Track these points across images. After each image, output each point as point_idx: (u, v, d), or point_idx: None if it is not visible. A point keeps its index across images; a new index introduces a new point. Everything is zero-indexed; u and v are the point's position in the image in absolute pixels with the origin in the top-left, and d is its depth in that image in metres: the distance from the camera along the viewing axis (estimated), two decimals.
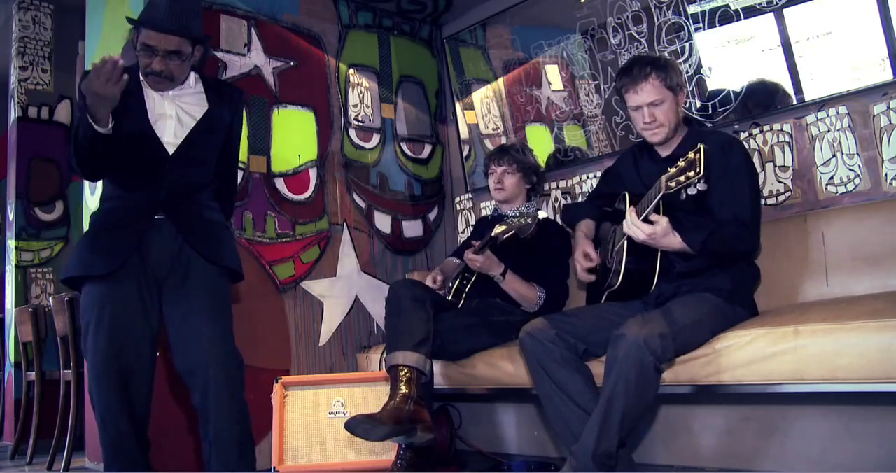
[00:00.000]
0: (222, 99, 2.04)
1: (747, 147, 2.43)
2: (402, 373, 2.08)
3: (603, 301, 2.07)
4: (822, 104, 2.29)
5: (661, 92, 1.97)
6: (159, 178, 1.91)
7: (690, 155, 1.67)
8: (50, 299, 3.29)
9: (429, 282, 2.46)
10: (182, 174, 1.93)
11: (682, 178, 1.67)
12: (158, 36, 1.85)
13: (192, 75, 2.02)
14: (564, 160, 3.07)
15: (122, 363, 1.82)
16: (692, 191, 1.67)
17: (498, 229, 2.24)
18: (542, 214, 2.18)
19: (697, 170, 1.63)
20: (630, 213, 1.80)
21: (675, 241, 1.80)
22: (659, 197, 1.73)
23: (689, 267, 1.92)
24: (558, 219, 2.64)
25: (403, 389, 2.05)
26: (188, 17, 1.88)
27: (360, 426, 1.93)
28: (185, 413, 2.45)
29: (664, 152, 2.06)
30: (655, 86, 1.96)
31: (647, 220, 1.77)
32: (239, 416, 1.88)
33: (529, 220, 2.17)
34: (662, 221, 1.76)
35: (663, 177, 1.73)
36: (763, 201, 2.40)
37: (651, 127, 2.00)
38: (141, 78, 1.96)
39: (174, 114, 1.95)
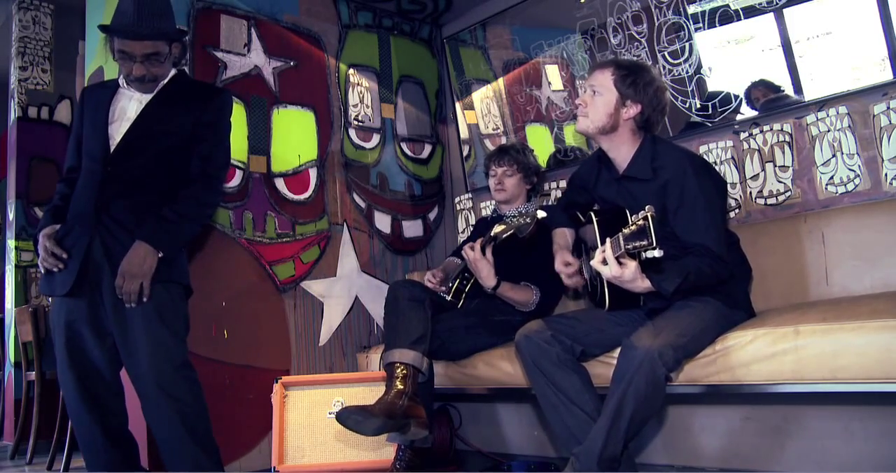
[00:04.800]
0: (187, 97, 2.01)
1: (746, 147, 2.44)
2: (398, 370, 2.08)
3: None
4: (822, 104, 2.29)
5: (607, 85, 1.91)
6: (102, 180, 1.91)
7: (640, 221, 1.54)
8: (50, 299, 3.28)
9: (427, 277, 2.45)
10: (122, 174, 1.91)
11: (636, 244, 1.56)
12: (133, 42, 1.87)
13: (170, 75, 2.02)
14: (564, 160, 3.07)
15: (82, 375, 1.88)
16: (648, 255, 1.59)
17: (497, 229, 2.24)
18: (541, 214, 2.17)
19: (650, 239, 1.52)
20: (606, 249, 1.68)
21: (643, 286, 1.70)
22: (622, 251, 1.61)
23: (660, 304, 1.88)
24: None
25: (399, 385, 2.04)
26: (157, 18, 1.88)
27: (351, 417, 1.91)
28: None
29: (620, 167, 2.00)
30: (606, 77, 1.92)
31: (618, 259, 1.67)
32: (179, 417, 1.86)
33: (528, 220, 2.17)
34: (631, 266, 1.66)
35: (621, 237, 1.61)
36: (763, 201, 2.40)
37: (577, 111, 1.97)
38: (120, 83, 1.99)
39: (133, 115, 1.96)
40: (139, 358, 1.85)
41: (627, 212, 1.87)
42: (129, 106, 1.97)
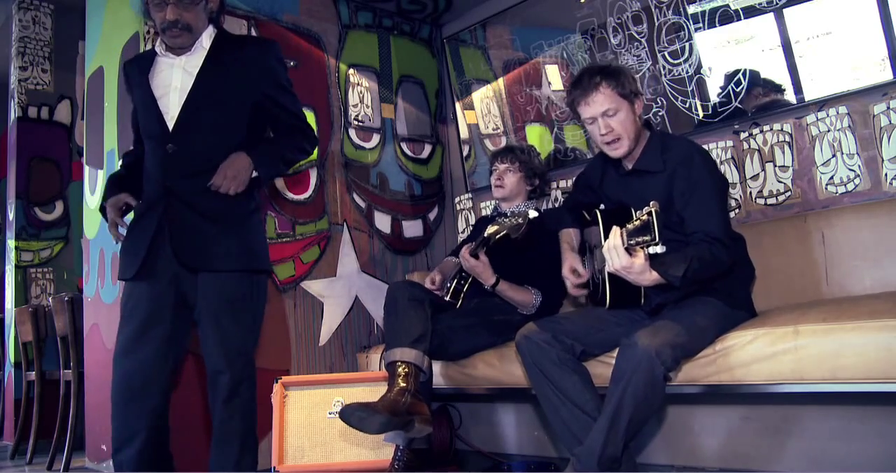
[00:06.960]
0: (238, 57, 1.91)
1: (746, 147, 2.44)
2: (400, 369, 2.08)
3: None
4: (822, 104, 2.29)
5: (615, 100, 1.89)
6: (164, 160, 1.84)
7: (644, 216, 1.54)
8: (50, 299, 3.29)
9: (427, 284, 2.46)
10: (185, 152, 1.84)
11: (639, 239, 1.56)
12: None
13: (206, 33, 1.91)
14: (564, 160, 3.07)
15: (134, 367, 1.84)
16: (651, 250, 1.57)
17: (490, 229, 2.23)
18: (532, 214, 2.17)
19: (653, 235, 1.53)
20: (615, 236, 1.65)
21: (650, 278, 1.67)
22: (624, 247, 1.62)
23: (666, 298, 1.87)
24: None
25: (401, 383, 2.05)
26: None
27: (354, 414, 1.90)
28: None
29: (628, 164, 2.01)
30: (607, 94, 1.89)
31: (628, 249, 1.65)
32: (234, 415, 1.88)
33: (520, 220, 2.17)
34: (641, 256, 1.64)
35: (625, 233, 1.61)
36: (763, 201, 2.40)
37: (609, 139, 1.92)
38: (157, 51, 1.91)
39: (179, 85, 1.87)
40: (209, 349, 1.87)
41: (633, 210, 1.87)
42: (173, 74, 1.88)
